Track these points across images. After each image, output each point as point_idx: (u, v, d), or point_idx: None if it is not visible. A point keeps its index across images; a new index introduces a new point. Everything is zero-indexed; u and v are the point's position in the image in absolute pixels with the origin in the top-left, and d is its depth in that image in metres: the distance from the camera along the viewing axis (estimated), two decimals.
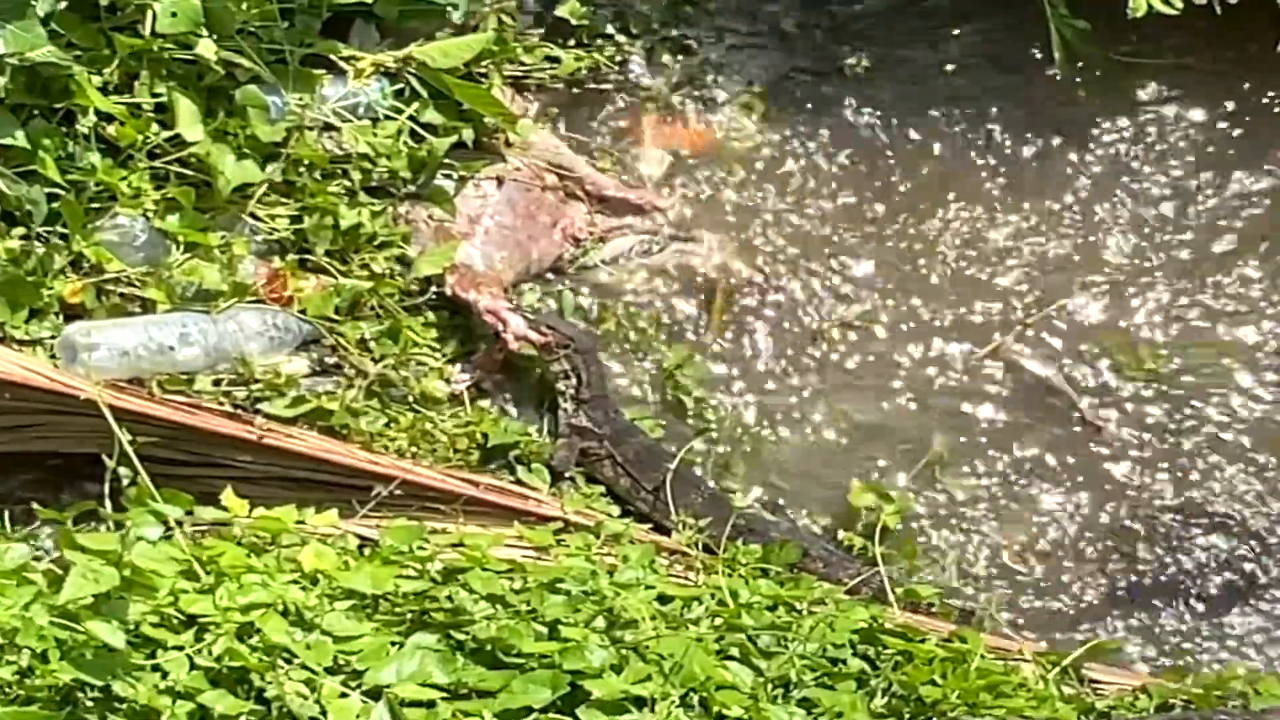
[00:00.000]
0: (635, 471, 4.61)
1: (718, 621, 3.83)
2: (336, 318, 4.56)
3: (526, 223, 4.96)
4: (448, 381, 4.66)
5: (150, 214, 4.49)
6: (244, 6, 4.58)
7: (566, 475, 4.60)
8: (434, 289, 4.73)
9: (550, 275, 5.03)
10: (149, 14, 4.46)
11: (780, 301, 5.06)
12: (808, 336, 5.02)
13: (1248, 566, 4.69)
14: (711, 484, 4.73)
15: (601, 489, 4.64)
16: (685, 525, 4.42)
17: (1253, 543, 4.73)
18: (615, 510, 4.52)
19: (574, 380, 4.68)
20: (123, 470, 3.64)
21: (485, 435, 4.60)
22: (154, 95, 4.52)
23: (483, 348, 4.75)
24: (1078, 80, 5.37)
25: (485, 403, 4.71)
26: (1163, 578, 4.67)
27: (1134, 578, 4.67)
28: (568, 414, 4.68)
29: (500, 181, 4.95)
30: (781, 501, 4.78)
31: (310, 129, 4.71)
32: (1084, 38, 5.32)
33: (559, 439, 4.66)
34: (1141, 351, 5.02)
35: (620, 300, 5.00)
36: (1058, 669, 4.03)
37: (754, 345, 4.99)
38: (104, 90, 4.46)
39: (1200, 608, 4.63)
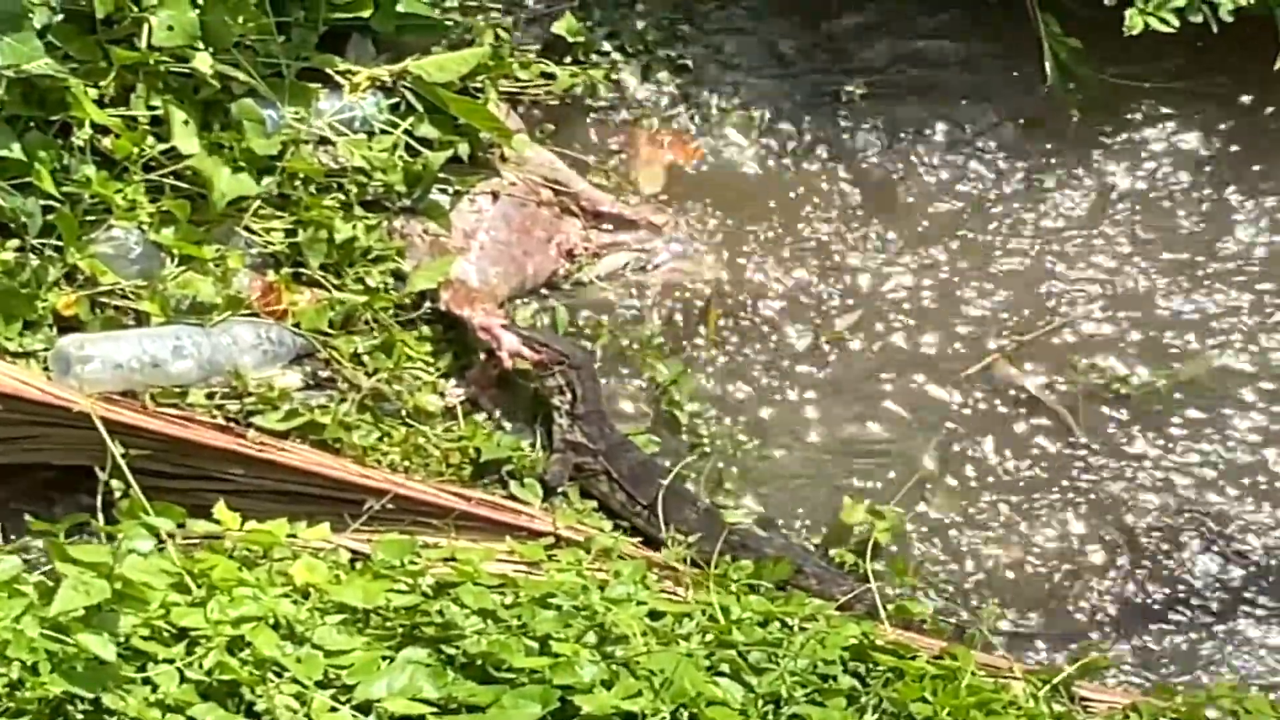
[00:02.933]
0: (629, 487, 4.60)
1: (708, 637, 3.82)
2: (330, 331, 4.57)
3: (522, 238, 4.96)
4: (441, 395, 4.66)
5: (145, 227, 4.50)
6: (240, 20, 4.60)
7: (559, 490, 4.60)
8: (429, 304, 4.73)
9: (545, 290, 5.03)
10: (146, 27, 4.48)
11: (774, 318, 5.06)
12: (801, 352, 5.03)
13: (1238, 584, 4.69)
14: (705, 500, 4.72)
15: (594, 504, 4.63)
16: (678, 541, 4.41)
17: (1243, 560, 4.73)
18: (607, 525, 4.52)
19: (568, 396, 4.68)
20: (115, 483, 3.65)
21: (478, 451, 4.59)
22: (150, 108, 4.53)
23: (475, 362, 4.75)
24: (1074, 98, 5.39)
25: (479, 417, 4.70)
26: (1153, 594, 4.67)
27: (1125, 595, 4.67)
28: (563, 429, 4.67)
29: (495, 196, 4.95)
30: (778, 520, 4.77)
31: (306, 143, 4.73)
32: (1078, 57, 5.33)
33: (553, 454, 4.66)
34: (1135, 369, 5.02)
35: (615, 315, 5.00)
36: (1048, 686, 4.02)
37: (747, 360, 4.99)
38: (100, 103, 4.47)
39: (1191, 625, 4.62)
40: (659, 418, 4.88)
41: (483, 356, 4.72)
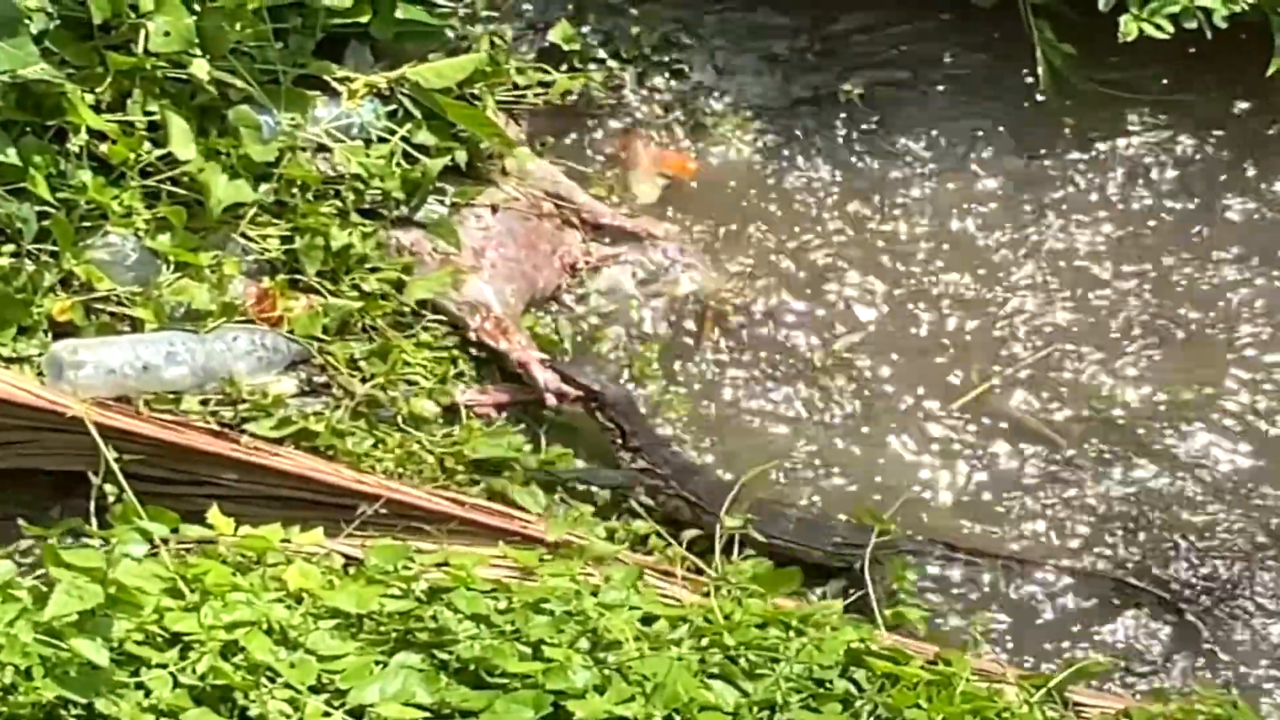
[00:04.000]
0: (715, 510, 4.49)
1: (704, 642, 3.82)
2: (325, 337, 4.56)
3: (529, 253, 4.96)
4: (442, 398, 4.64)
5: (141, 233, 4.50)
6: (237, 26, 4.62)
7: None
8: (430, 315, 4.73)
9: (545, 304, 5.02)
10: (142, 33, 4.50)
11: (770, 329, 5.06)
12: (796, 363, 5.02)
13: (1227, 589, 4.68)
14: (795, 510, 4.68)
15: (590, 509, 4.61)
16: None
17: (1231, 565, 4.72)
18: (600, 531, 4.50)
19: (615, 431, 4.65)
20: (109, 488, 3.66)
21: (478, 462, 4.58)
22: (146, 114, 4.54)
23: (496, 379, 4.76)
24: (1066, 106, 5.40)
25: (476, 424, 4.69)
26: (1145, 600, 4.66)
27: (1116, 602, 4.67)
28: (626, 462, 4.64)
29: (495, 209, 4.95)
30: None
31: (303, 149, 4.72)
32: (1071, 63, 5.34)
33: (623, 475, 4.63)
34: (1126, 377, 5.02)
35: (615, 329, 5.00)
36: (1042, 692, 4.02)
37: (744, 371, 4.99)
38: (96, 108, 4.48)
39: (1181, 630, 4.62)
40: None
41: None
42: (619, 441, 4.64)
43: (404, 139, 4.84)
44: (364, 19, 4.88)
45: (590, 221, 5.12)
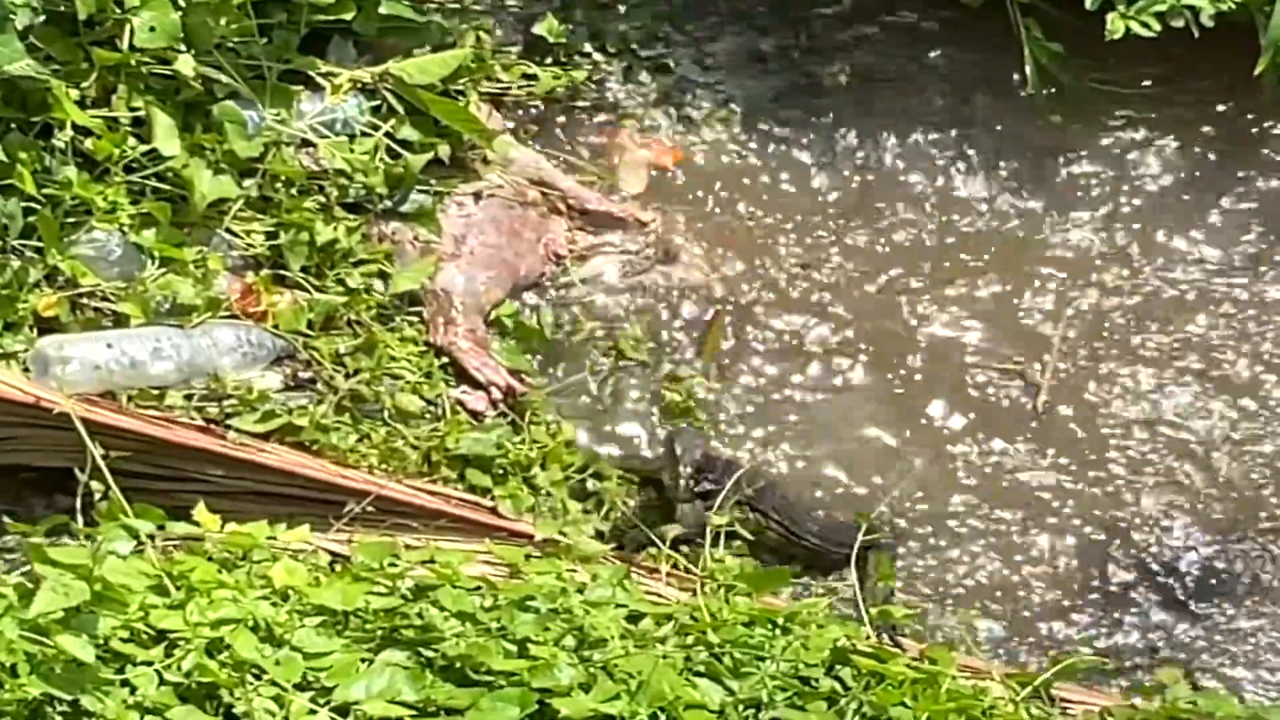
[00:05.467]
0: (780, 517, 4.55)
1: (689, 639, 3.82)
2: (309, 332, 4.56)
3: (512, 240, 4.95)
4: (424, 394, 4.64)
5: (126, 228, 4.50)
6: (223, 22, 4.61)
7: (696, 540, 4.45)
8: (410, 307, 4.73)
9: (530, 292, 5.02)
10: (128, 28, 4.49)
11: (760, 323, 5.06)
12: (789, 359, 5.02)
13: (1216, 585, 4.70)
14: (820, 512, 4.69)
15: (581, 506, 4.60)
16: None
17: (1221, 561, 4.74)
18: (589, 531, 4.50)
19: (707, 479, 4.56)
20: (94, 484, 3.65)
21: (466, 458, 4.58)
22: (131, 109, 4.54)
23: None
24: (1055, 103, 5.40)
25: (461, 416, 4.68)
26: (1136, 597, 4.67)
27: (1106, 597, 4.68)
28: (686, 484, 4.51)
29: (478, 196, 4.95)
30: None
31: (287, 145, 4.73)
32: (1059, 61, 5.35)
33: (683, 502, 4.51)
34: (1116, 372, 5.03)
35: (599, 318, 5.00)
36: (1028, 689, 4.03)
37: (734, 368, 4.99)
38: (81, 104, 4.48)
39: (1173, 625, 4.63)
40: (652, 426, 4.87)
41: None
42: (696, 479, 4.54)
43: (388, 134, 4.84)
44: (348, 15, 4.87)
45: (576, 207, 5.11)
